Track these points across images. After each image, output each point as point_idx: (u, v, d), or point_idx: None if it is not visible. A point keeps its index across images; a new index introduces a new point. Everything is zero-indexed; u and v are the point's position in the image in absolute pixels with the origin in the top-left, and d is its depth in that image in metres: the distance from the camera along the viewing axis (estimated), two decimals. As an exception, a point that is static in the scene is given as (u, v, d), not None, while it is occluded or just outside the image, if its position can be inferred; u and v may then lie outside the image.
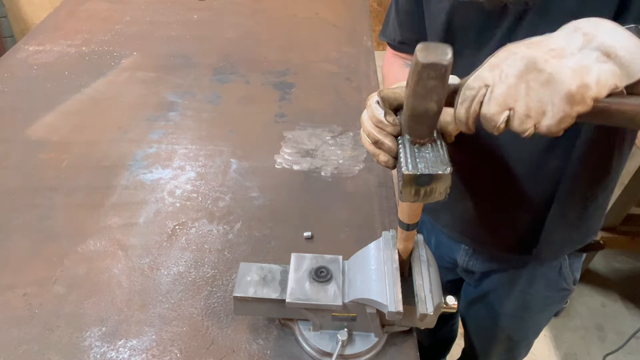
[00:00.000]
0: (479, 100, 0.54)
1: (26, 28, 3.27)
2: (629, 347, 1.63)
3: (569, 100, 0.49)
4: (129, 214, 1.02)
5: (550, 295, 1.06)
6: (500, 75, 0.52)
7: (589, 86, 0.49)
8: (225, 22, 1.78)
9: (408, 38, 0.94)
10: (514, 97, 0.51)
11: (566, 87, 0.49)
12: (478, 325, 1.22)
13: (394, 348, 0.79)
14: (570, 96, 0.49)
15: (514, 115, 0.52)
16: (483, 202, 0.94)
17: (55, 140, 1.20)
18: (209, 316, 0.83)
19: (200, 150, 1.19)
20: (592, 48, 0.50)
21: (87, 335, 0.80)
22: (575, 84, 0.48)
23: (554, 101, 0.49)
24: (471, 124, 0.55)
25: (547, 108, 0.50)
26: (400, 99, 0.65)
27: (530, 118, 0.51)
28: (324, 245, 0.97)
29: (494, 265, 1.04)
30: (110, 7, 1.84)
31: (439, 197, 0.58)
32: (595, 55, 0.50)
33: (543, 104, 0.50)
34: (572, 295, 1.09)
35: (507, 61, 0.52)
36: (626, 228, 2.07)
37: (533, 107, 0.50)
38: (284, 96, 1.40)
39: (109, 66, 1.49)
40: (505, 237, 0.96)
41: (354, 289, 0.72)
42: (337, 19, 1.86)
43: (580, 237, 0.97)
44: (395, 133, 0.64)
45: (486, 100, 0.53)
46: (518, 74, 0.51)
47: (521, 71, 0.50)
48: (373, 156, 0.68)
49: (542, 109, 0.50)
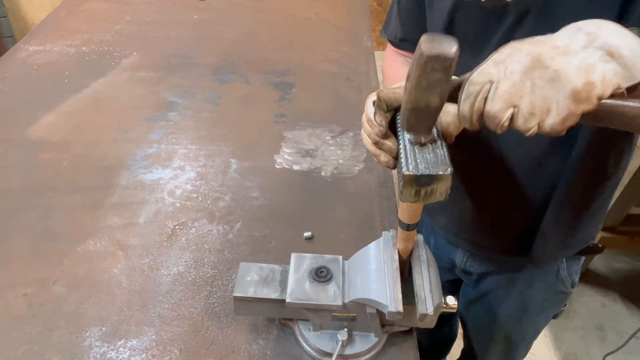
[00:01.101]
0: (483, 97, 0.52)
1: (26, 28, 3.27)
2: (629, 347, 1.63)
3: (575, 98, 0.48)
4: (129, 214, 1.02)
5: (548, 298, 1.06)
6: (505, 71, 0.51)
7: (595, 84, 0.48)
8: (225, 22, 1.78)
9: (409, 36, 0.94)
10: (519, 94, 0.50)
11: (572, 84, 0.48)
12: (476, 325, 1.22)
13: (394, 348, 0.79)
14: (576, 93, 0.48)
15: (518, 113, 0.51)
16: (480, 203, 0.94)
17: (55, 140, 1.20)
18: (209, 316, 0.83)
19: (200, 150, 1.19)
20: (596, 47, 0.49)
21: (87, 335, 0.80)
22: (581, 82, 0.48)
23: (559, 99, 0.48)
24: (475, 120, 0.54)
25: (551, 106, 0.49)
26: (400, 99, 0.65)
27: (534, 116, 0.50)
28: (324, 245, 0.97)
29: (491, 266, 1.04)
30: (110, 7, 1.84)
31: (440, 198, 0.58)
32: (599, 54, 0.49)
33: (548, 102, 0.49)
34: (572, 295, 1.09)
35: (512, 57, 0.51)
36: (626, 228, 2.07)
37: (538, 105, 0.49)
38: (284, 96, 1.40)
39: (109, 66, 1.49)
40: (502, 239, 0.97)
41: (354, 289, 0.72)
42: (337, 19, 1.86)
43: (576, 242, 0.97)
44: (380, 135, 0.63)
45: (490, 96, 0.52)
46: (523, 70, 0.49)
47: (527, 67, 0.49)
48: (374, 156, 0.68)
49: (546, 107, 0.49)
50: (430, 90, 0.51)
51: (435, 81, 0.50)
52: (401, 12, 0.94)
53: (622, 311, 2.16)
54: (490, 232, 0.97)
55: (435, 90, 0.51)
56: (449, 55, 0.48)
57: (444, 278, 0.90)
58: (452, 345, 1.60)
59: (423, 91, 0.52)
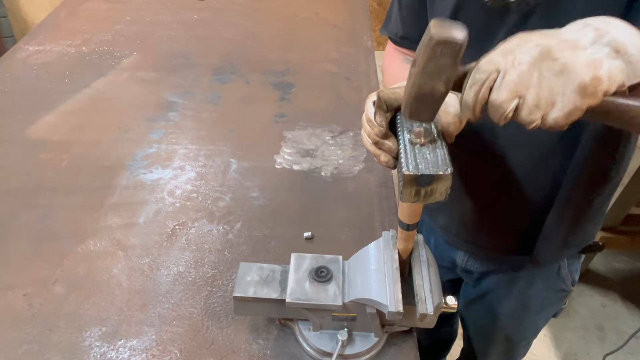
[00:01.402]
0: (489, 85, 0.51)
1: (26, 28, 3.27)
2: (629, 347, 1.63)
3: (581, 92, 0.48)
4: (129, 214, 1.02)
5: (548, 297, 1.06)
6: (514, 61, 0.50)
7: (602, 79, 0.48)
8: (225, 22, 1.78)
9: (410, 34, 0.94)
10: (525, 84, 0.49)
11: (580, 78, 0.48)
12: (477, 325, 1.22)
13: (394, 348, 0.79)
14: (583, 87, 0.48)
15: (523, 104, 0.50)
16: (481, 204, 0.94)
17: (55, 140, 1.20)
18: (209, 316, 0.83)
19: (200, 150, 1.19)
20: (603, 43, 0.49)
21: (87, 335, 0.80)
22: (589, 76, 0.47)
23: (565, 92, 0.48)
24: (478, 110, 0.53)
25: (557, 99, 0.49)
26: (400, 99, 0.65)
27: (539, 109, 0.49)
28: (324, 245, 0.97)
29: (492, 266, 1.04)
30: (110, 7, 1.84)
31: (440, 198, 0.58)
32: (606, 51, 0.49)
33: (554, 95, 0.49)
34: (572, 295, 1.10)
35: (521, 47, 0.50)
36: (626, 228, 2.07)
37: (543, 97, 0.49)
38: (284, 96, 1.40)
39: (109, 66, 1.49)
40: (503, 239, 0.97)
41: (354, 289, 0.72)
42: (337, 19, 1.86)
43: (578, 241, 0.97)
44: (380, 135, 0.63)
45: (497, 85, 0.51)
46: (532, 61, 0.49)
47: (535, 58, 0.49)
48: (374, 156, 0.68)
49: (552, 100, 0.49)
50: (437, 75, 0.51)
51: (443, 66, 0.50)
52: (402, 9, 0.93)
53: (622, 311, 2.16)
54: (490, 232, 0.97)
55: (442, 75, 0.51)
56: (458, 40, 0.48)
57: (445, 277, 0.91)
58: (452, 345, 1.60)
59: (429, 76, 0.51)
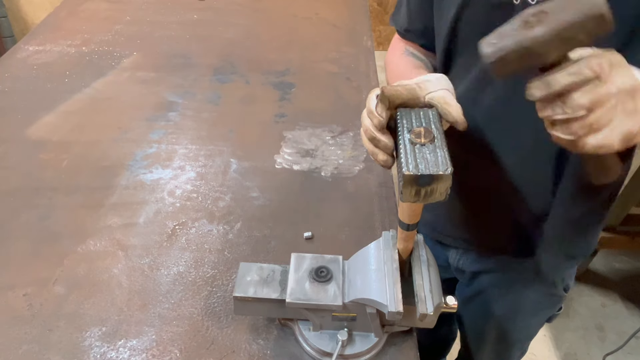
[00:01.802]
0: (581, 82, 0.50)
1: (26, 28, 3.27)
2: (629, 347, 1.63)
3: (625, 139, 0.51)
4: (129, 214, 1.02)
5: (541, 300, 1.06)
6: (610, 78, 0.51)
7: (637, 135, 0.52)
8: (225, 22, 1.78)
9: (414, 27, 0.95)
10: (603, 104, 0.50)
11: (631, 126, 0.51)
12: (471, 324, 1.23)
13: (394, 348, 0.79)
14: (629, 134, 0.51)
15: (583, 118, 0.51)
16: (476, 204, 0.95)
17: (55, 140, 1.20)
18: (209, 316, 0.83)
19: (200, 150, 1.19)
20: None
21: (87, 335, 0.80)
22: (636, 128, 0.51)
23: (613, 129, 0.51)
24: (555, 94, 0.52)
25: (604, 130, 0.51)
26: (402, 96, 0.65)
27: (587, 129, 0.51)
28: (324, 245, 0.97)
29: (485, 265, 1.04)
30: (110, 7, 1.84)
31: (440, 198, 0.58)
32: None
33: (605, 125, 0.51)
34: (572, 295, 1.10)
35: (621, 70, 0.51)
36: (626, 228, 2.07)
37: (599, 123, 0.51)
38: (284, 96, 1.40)
39: (109, 66, 1.49)
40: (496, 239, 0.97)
41: (354, 289, 0.72)
42: (337, 19, 1.85)
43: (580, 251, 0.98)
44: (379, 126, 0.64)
45: (587, 89, 0.51)
46: (622, 89, 0.50)
47: (624, 90, 0.51)
48: (372, 156, 0.68)
49: (600, 129, 0.51)
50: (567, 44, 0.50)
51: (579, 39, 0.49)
52: (410, 3, 0.94)
53: (622, 311, 2.16)
54: (483, 231, 0.97)
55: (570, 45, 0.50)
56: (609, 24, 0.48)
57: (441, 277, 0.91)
58: (452, 345, 1.60)
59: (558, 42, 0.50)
